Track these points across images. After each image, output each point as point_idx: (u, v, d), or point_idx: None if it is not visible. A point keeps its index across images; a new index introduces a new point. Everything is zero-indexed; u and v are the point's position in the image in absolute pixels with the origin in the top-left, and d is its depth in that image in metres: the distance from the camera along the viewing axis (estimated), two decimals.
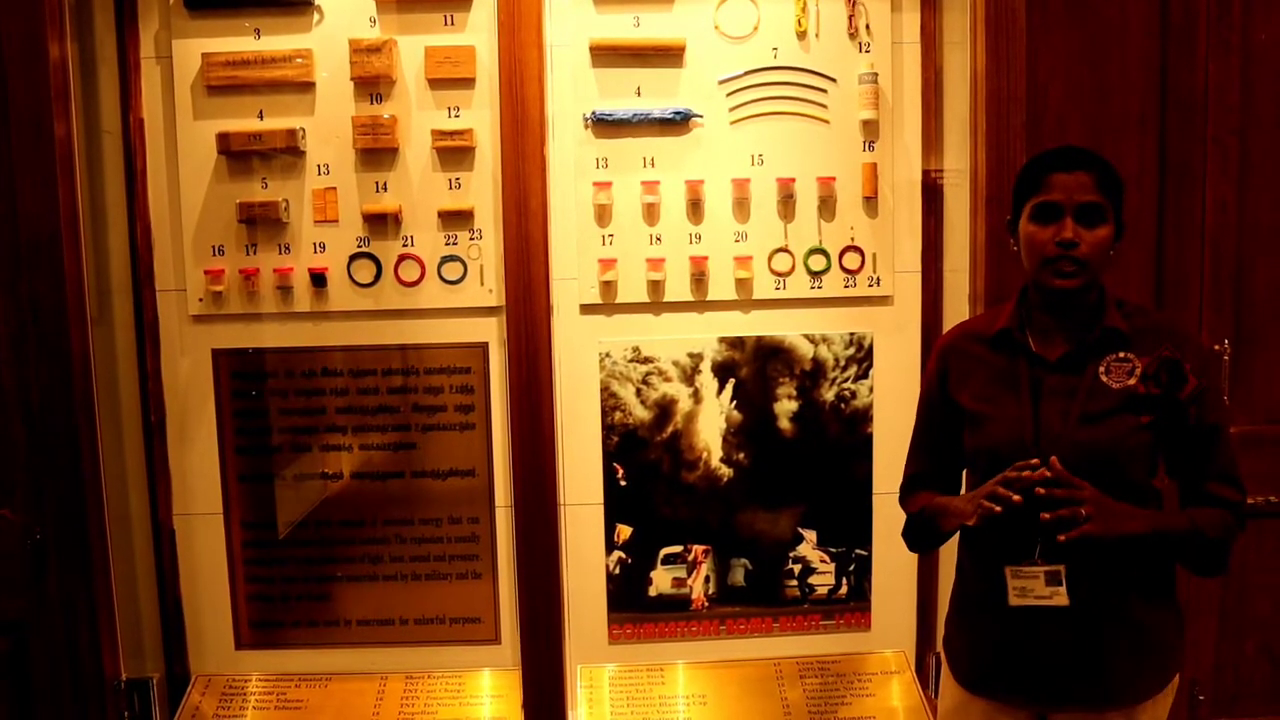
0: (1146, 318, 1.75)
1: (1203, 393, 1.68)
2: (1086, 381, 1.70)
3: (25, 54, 2.02)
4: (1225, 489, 1.71)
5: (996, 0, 2.16)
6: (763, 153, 2.38)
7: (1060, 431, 1.69)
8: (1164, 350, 1.67)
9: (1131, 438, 1.67)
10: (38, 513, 2.12)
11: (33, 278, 2.05)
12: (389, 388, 2.42)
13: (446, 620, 2.48)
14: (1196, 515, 1.70)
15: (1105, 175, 1.69)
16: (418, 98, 2.35)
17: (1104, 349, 1.71)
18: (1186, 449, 1.73)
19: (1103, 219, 1.67)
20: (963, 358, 1.82)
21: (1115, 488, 1.66)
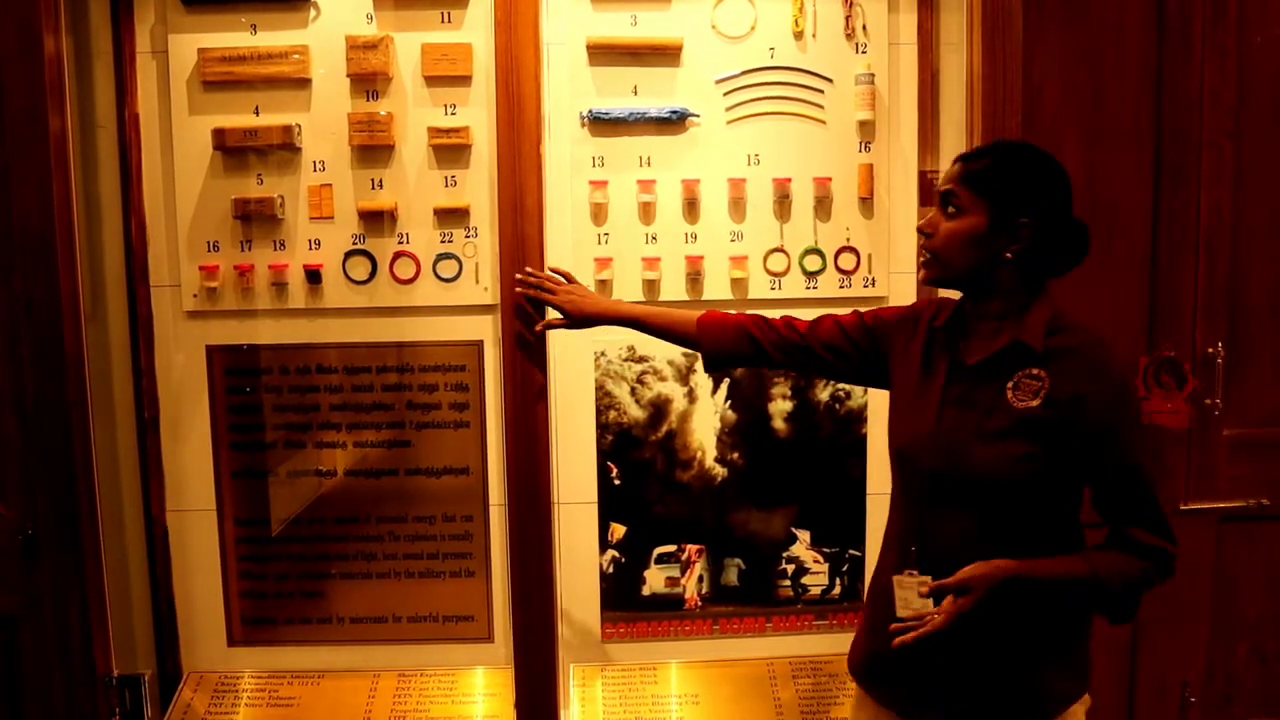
0: (1071, 338, 1.58)
1: (1114, 430, 1.55)
2: (990, 396, 1.60)
3: (20, 47, 2.01)
4: (1148, 536, 1.58)
5: (993, 2, 2.15)
6: (759, 153, 2.38)
7: (953, 446, 1.61)
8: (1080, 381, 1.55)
9: (1023, 465, 1.55)
10: (30, 508, 2.12)
11: (26, 273, 2.05)
12: (384, 385, 2.42)
13: (440, 618, 2.48)
14: (1100, 564, 1.57)
15: (983, 169, 1.58)
16: (414, 95, 2.34)
17: (1018, 363, 1.59)
18: (1103, 488, 1.60)
19: (959, 211, 1.58)
20: (910, 331, 1.76)
21: (1006, 512, 1.58)
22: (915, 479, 1.67)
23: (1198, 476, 2.44)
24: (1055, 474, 1.57)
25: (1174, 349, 2.33)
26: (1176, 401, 2.38)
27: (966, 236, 1.58)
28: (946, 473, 1.61)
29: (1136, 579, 1.58)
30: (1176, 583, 2.41)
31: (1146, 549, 1.57)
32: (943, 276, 1.62)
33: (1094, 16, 2.33)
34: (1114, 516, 1.60)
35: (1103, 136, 2.35)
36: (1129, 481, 1.57)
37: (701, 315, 1.94)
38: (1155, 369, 2.35)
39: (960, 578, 1.54)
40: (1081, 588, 1.57)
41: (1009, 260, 1.57)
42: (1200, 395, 1.99)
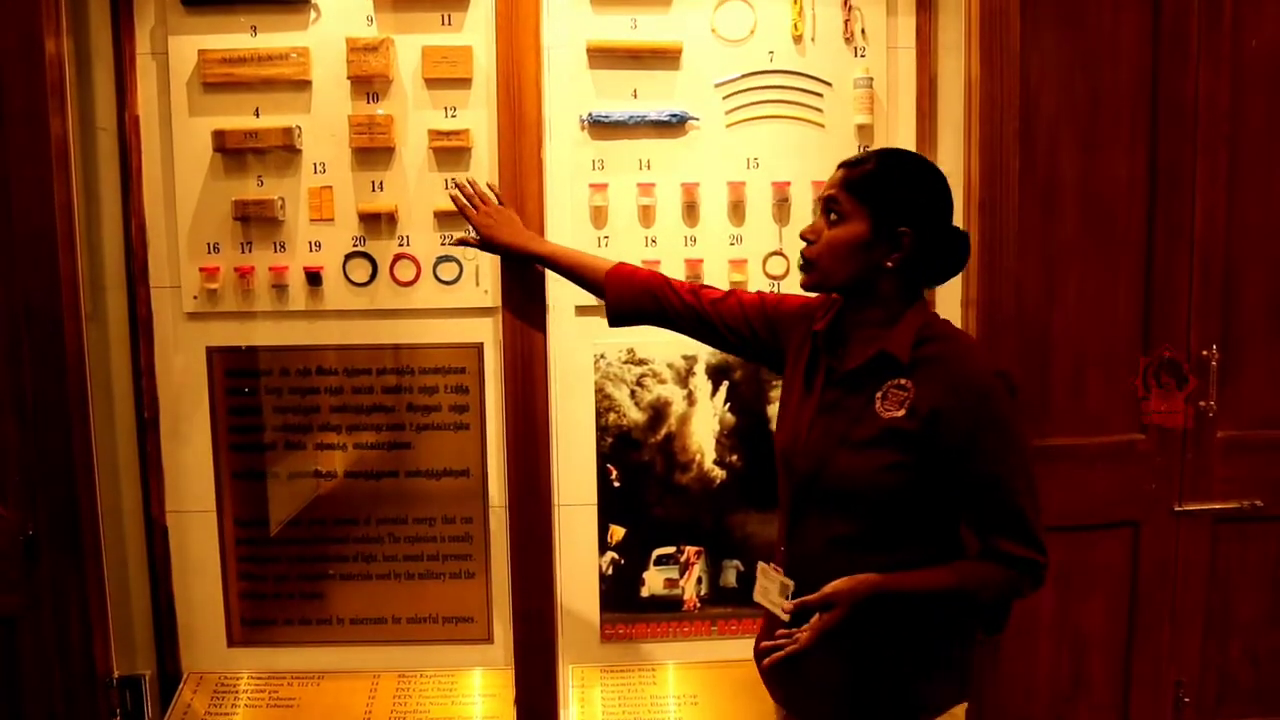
0: (941, 346, 1.58)
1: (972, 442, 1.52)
2: (859, 405, 1.59)
3: (21, 49, 2.01)
4: (1014, 546, 1.55)
5: (990, 8, 2.16)
6: (758, 156, 2.40)
7: (821, 452, 1.61)
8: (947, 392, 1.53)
9: (886, 475, 1.55)
10: (30, 509, 2.12)
11: (27, 274, 2.05)
12: (384, 387, 2.42)
13: (439, 619, 2.48)
14: (968, 575, 1.56)
15: (865, 176, 1.57)
16: (414, 97, 2.35)
17: (887, 372, 1.58)
18: (966, 499, 1.58)
19: (841, 218, 1.57)
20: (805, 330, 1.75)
21: (871, 521, 1.58)
22: (790, 481, 1.68)
23: (1192, 478, 2.46)
24: (923, 484, 1.56)
25: (1171, 349, 2.35)
26: (1175, 402, 2.40)
27: (848, 244, 1.57)
28: (813, 478, 1.61)
29: (1005, 589, 1.57)
30: (1171, 583, 2.46)
31: (1013, 559, 1.55)
32: (823, 283, 1.61)
33: (1089, 22, 2.34)
34: (979, 527, 1.59)
35: (1099, 140, 2.37)
36: (991, 492, 1.54)
37: (612, 266, 1.94)
38: (1155, 369, 2.37)
39: (824, 593, 1.54)
40: (949, 599, 1.56)
41: (889, 269, 1.57)
42: (1195, 397, 2.00)
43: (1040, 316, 2.38)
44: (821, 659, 1.58)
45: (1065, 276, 2.39)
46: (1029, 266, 2.33)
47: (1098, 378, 2.43)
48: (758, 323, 1.82)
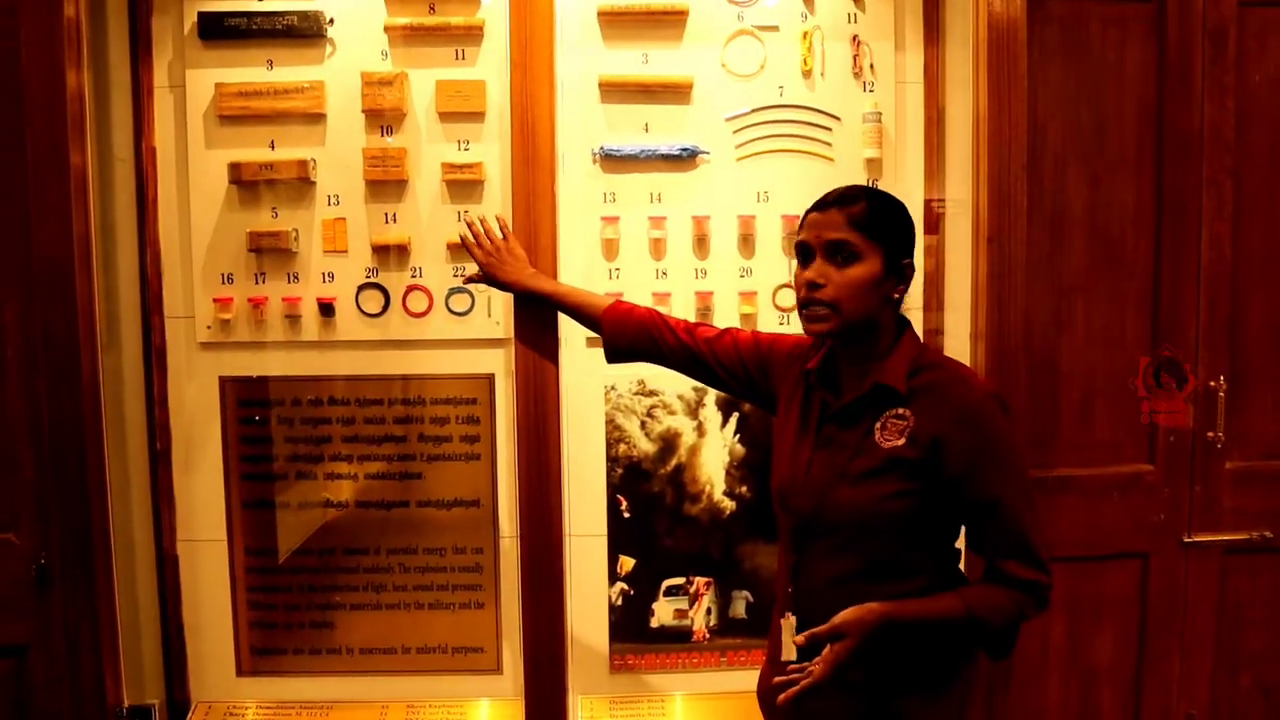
0: (936, 374, 1.60)
1: (975, 467, 1.55)
2: (857, 438, 1.61)
3: (44, 83, 2.04)
4: (1019, 567, 1.57)
5: (998, 44, 2.19)
6: (768, 189, 2.41)
7: (820, 487, 1.62)
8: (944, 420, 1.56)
9: (890, 503, 1.56)
10: (43, 537, 2.13)
11: (45, 305, 2.07)
12: (395, 417, 2.43)
13: (449, 649, 2.48)
14: (975, 600, 1.57)
15: (865, 212, 1.59)
16: (428, 130, 2.37)
17: (884, 404, 1.60)
18: (970, 523, 1.61)
19: (855, 256, 1.57)
20: (798, 370, 1.76)
21: (876, 552, 1.59)
22: (789, 520, 1.69)
23: (1201, 509, 2.46)
24: (926, 511, 1.58)
25: (1171, 349, 2.36)
26: (1176, 401, 2.41)
27: (867, 282, 1.58)
28: (815, 514, 1.62)
29: (1013, 613, 1.58)
30: (1181, 614, 2.45)
31: (1019, 581, 1.57)
32: (843, 326, 1.59)
33: (1095, 56, 2.37)
34: (985, 551, 1.61)
35: (1105, 173, 2.39)
36: (995, 515, 1.56)
37: (610, 304, 1.99)
38: (1155, 369, 2.38)
39: (833, 624, 1.54)
40: (958, 626, 1.57)
41: (893, 300, 1.62)
42: (1196, 394, 2.01)
43: (1048, 346, 2.40)
44: (830, 693, 1.58)
45: (1072, 306, 2.40)
46: (1036, 297, 2.35)
47: (1105, 408, 2.44)
48: (751, 363, 1.85)
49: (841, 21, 2.40)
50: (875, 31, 2.40)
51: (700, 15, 2.37)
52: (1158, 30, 2.38)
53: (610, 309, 1.98)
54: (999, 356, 2.21)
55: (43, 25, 2.02)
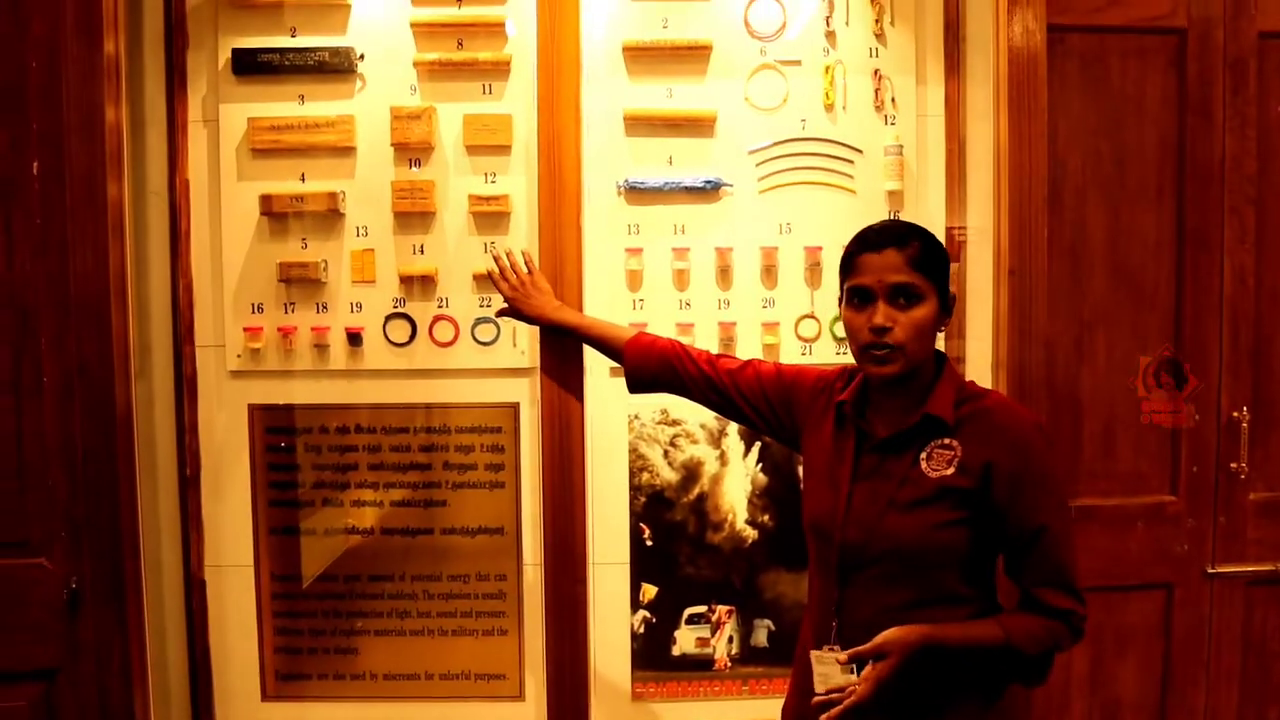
0: (981, 403, 1.63)
1: (1020, 494, 1.57)
2: (904, 467, 1.62)
3: (82, 118, 2.07)
4: (1056, 596, 1.59)
5: (1018, 77, 2.21)
6: (790, 221, 2.44)
7: (868, 518, 1.62)
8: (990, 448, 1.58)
9: (940, 533, 1.58)
10: (76, 562, 2.14)
11: (81, 335, 2.09)
12: (421, 445, 2.46)
13: (472, 676, 2.49)
14: (1013, 627, 1.59)
15: (921, 252, 1.60)
16: (455, 163, 2.41)
17: (929, 434, 1.62)
18: (1012, 550, 1.62)
19: (919, 298, 1.59)
20: (824, 402, 1.78)
21: (923, 583, 1.60)
22: (830, 552, 1.68)
23: (1225, 540, 2.45)
24: (975, 539, 1.60)
25: (1171, 349, 2.36)
26: (1177, 401, 2.40)
27: (930, 322, 1.61)
28: (861, 545, 1.62)
29: (1047, 642, 1.60)
30: (1206, 645, 2.44)
31: (1056, 611, 1.60)
32: (908, 367, 1.61)
33: (1115, 88, 2.39)
34: (1023, 578, 1.63)
35: (1126, 204, 2.40)
36: (1037, 543, 1.59)
37: (632, 336, 2.02)
38: (1155, 368, 2.38)
39: (876, 643, 1.56)
40: (995, 651, 1.58)
41: (940, 333, 1.67)
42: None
43: (1070, 377, 2.41)
44: (870, 715, 1.59)
45: (1094, 337, 2.41)
46: (1058, 327, 2.36)
47: (1127, 438, 2.44)
48: (774, 395, 1.86)
49: (863, 56, 2.43)
50: (897, 66, 2.43)
51: (724, 50, 2.41)
52: (1178, 63, 2.39)
53: (633, 340, 2.01)
54: (1020, 386, 2.22)
55: (84, 61, 2.06)
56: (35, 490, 2.11)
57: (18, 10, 2.03)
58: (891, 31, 2.43)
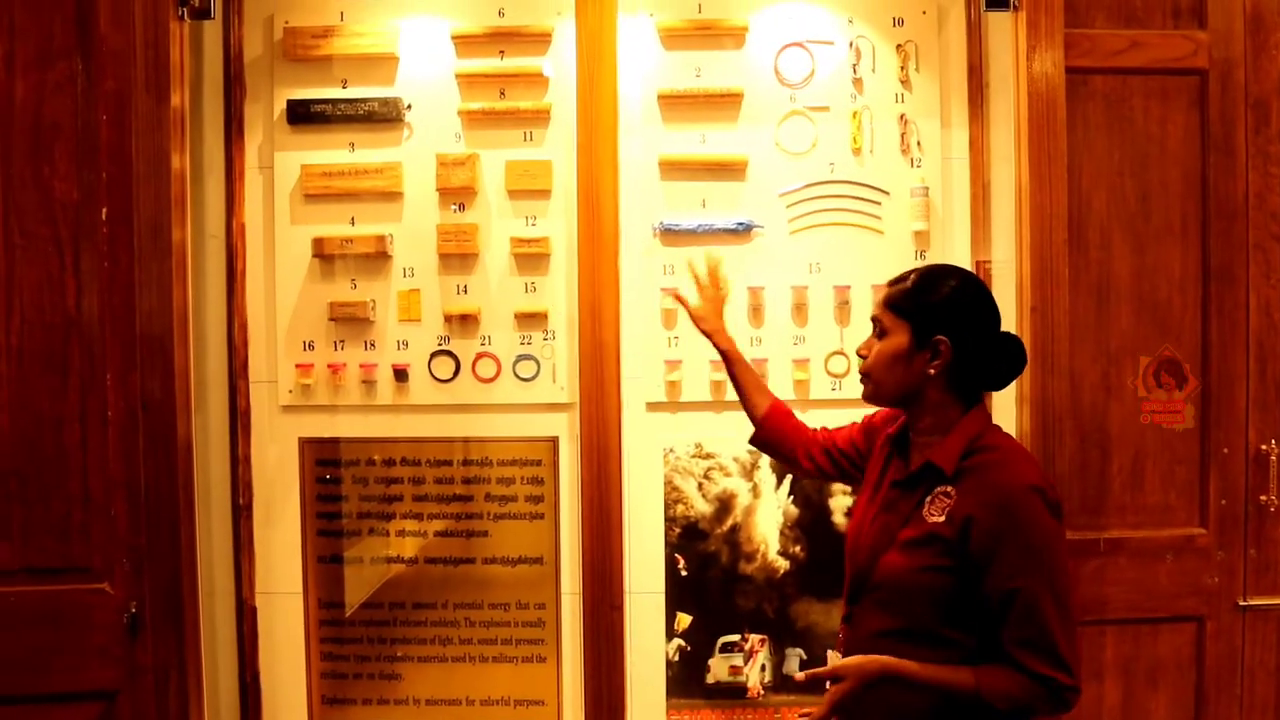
0: (986, 456, 1.64)
1: (996, 553, 1.56)
2: (910, 507, 1.68)
3: (150, 166, 2.17)
4: (1034, 660, 1.55)
5: (1038, 121, 2.27)
6: (820, 261, 2.51)
7: (876, 547, 1.70)
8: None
9: (923, 575, 1.62)
10: (136, 588, 2.20)
11: (145, 371, 2.17)
12: (463, 477, 2.55)
13: (511, 702, 2.56)
14: (986, 680, 1.57)
15: (904, 293, 1.69)
16: (498, 207, 2.51)
17: (935, 479, 1.66)
18: (989, 607, 1.59)
19: (884, 333, 1.70)
20: (882, 435, 1.86)
21: (911, 617, 1.63)
22: (850, 572, 1.77)
23: (1256, 573, 2.45)
24: (958, 585, 1.60)
25: (1172, 349, 2.38)
26: (1177, 402, 2.41)
27: (891, 355, 1.69)
28: (867, 571, 1.70)
29: (1022, 701, 1.57)
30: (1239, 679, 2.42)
31: (1033, 674, 1.56)
32: (876, 394, 1.74)
33: (1138, 128, 2.40)
34: (1001, 635, 1.58)
35: (1151, 240, 2.41)
36: (1013, 603, 1.56)
37: (774, 403, 2.09)
38: (1155, 369, 2.40)
39: (834, 667, 1.62)
40: (962, 699, 1.57)
41: (932, 376, 1.67)
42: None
43: (1097, 410, 2.41)
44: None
45: (1121, 371, 2.43)
46: (1084, 361, 2.38)
47: (1155, 471, 2.44)
48: (861, 438, 1.98)
49: (889, 101, 2.51)
50: (922, 110, 2.51)
51: (755, 97, 2.50)
52: (1200, 102, 2.41)
53: (773, 409, 2.08)
54: (1044, 420, 2.26)
55: (152, 113, 2.16)
56: (99, 518, 2.18)
57: (90, 68, 2.14)
58: (916, 77, 2.51)
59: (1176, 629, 2.46)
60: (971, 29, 2.52)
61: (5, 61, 2.13)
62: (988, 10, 2.35)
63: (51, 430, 2.15)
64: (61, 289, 2.15)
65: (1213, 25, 2.39)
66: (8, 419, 2.15)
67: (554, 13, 2.49)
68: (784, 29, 2.51)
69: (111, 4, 2.13)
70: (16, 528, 2.16)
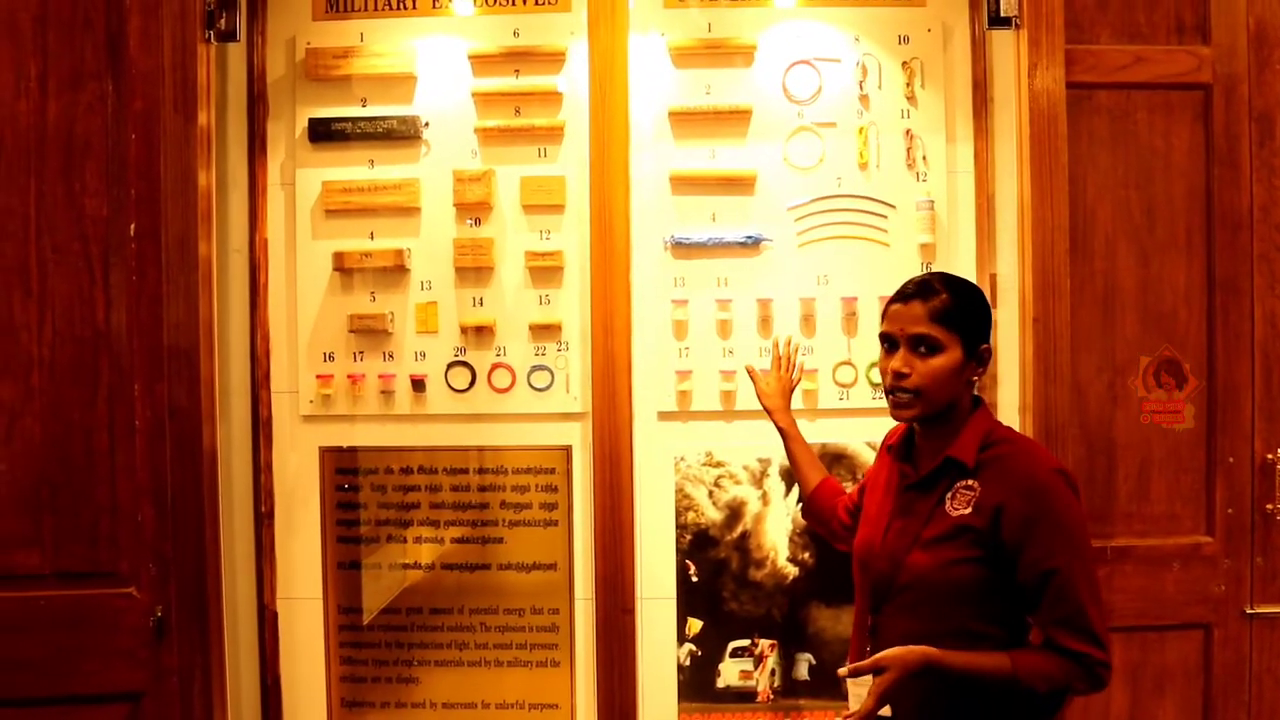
0: (1004, 448, 1.69)
1: (1030, 536, 1.61)
2: (929, 506, 1.71)
3: (177, 184, 2.23)
4: (1070, 639, 1.61)
5: (1039, 137, 2.31)
6: (828, 273, 2.56)
7: (897, 551, 1.72)
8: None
9: (954, 569, 1.65)
10: (161, 591, 2.24)
11: (172, 381, 2.22)
12: (479, 485, 2.60)
13: (526, 705, 2.60)
14: (1023, 663, 1.61)
15: (945, 305, 1.68)
16: (513, 221, 2.57)
17: (955, 475, 1.70)
18: (1027, 591, 1.64)
19: (936, 349, 1.67)
20: (884, 450, 1.90)
21: (943, 617, 1.66)
22: (866, 582, 1.79)
23: (1262, 581, 2.46)
24: (992, 579, 1.65)
25: (1172, 349, 2.40)
26: (1177, 401, 2.42)
27: (950, 371, 1.69)
28: (890, 576, 1.72)
29: (1060, 681, 1.62)
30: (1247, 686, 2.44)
31: (1069, 653, 1.61)
32: (925, 410, 1.70)
33: (1142, 142, 2.43)
34: (1038, 618, 1.66)
35: (1156, 252, 2.44)
36: (1048, 585, 1.61)
37: (825, 479, 2.15)
38: (1155, 368, 2.42)
39: (875, 659, 1.62)
40: (1002, 684, 1.61)
41: (971, 383, 1.73)
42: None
43: (1104, 419, 2.43)
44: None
45: (1126, 380, 2.44)
46: (1091, 371, 2.40)
47: (1162, 480, 2.46)
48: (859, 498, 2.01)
49: (895, 117, 2.55)
50: (927, 126, 2.55)
51: (763, 114, 2.55)
52: (1204, 116, 2.43)
53: (823, 484, 2.14)
54: (1046, 428, 2.30)
55: (179, 132, 2.23)
56: (126, 525, 2.23)
57: (120, 89, 2.21)
58: (922, 93, 2.56)
59: (1184, 636, 2.47)
60: (975, 46, 2.57)
61: (39, 83, 2.20)
62: (990, 28, 2.40)
63: (81, 439, 2.21)
64: (91, 303, 2.21)
65: (1216, 41, 2.42)
66: (40, 429, 2.21)
67: (567, 32, 2.55)
68: (792, 47, 2.56)
69: (141, 27, 2.20)
70: (48, 534, 2.22)
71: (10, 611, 2.21)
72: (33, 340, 2.21)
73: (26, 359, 2.21)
